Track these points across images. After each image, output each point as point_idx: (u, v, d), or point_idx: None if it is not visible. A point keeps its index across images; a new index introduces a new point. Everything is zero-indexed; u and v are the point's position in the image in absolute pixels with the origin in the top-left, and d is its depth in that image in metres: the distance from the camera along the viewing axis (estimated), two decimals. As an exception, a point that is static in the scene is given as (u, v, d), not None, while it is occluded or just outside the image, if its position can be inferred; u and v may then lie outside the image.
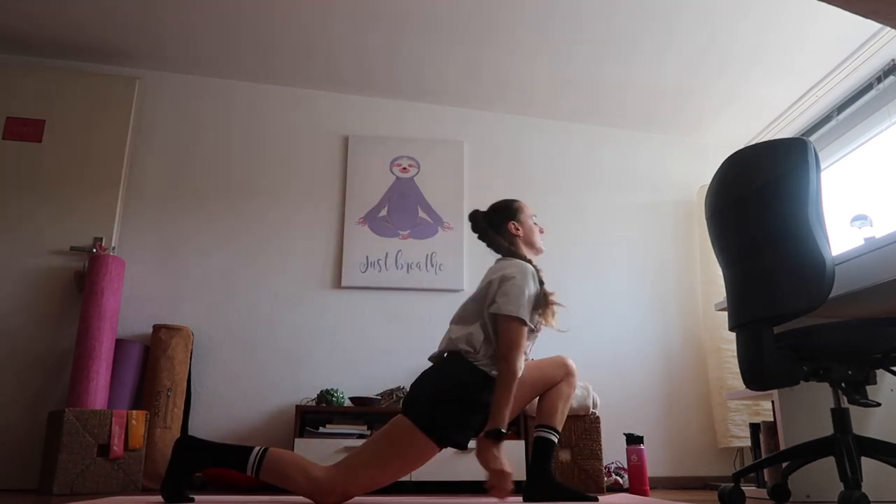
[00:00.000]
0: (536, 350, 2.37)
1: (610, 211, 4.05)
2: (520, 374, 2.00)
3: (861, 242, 2.03)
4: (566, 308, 2.19)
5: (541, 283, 2.14)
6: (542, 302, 2.10)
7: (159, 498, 2.19)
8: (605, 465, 3.30)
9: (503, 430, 1.94)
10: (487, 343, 2.04)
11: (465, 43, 3.44)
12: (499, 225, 2.29)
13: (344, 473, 1.86)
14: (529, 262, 2.19)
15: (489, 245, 2.30)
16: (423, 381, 2.04)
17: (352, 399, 3.21)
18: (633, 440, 2.98)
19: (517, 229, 2.28)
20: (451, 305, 3.67)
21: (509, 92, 3.88)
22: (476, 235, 2.32)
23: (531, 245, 2.29)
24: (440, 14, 3.22)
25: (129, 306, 3.36)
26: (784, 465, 2.29)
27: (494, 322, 2.05)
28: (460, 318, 2.12)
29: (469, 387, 1.99)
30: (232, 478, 2.90)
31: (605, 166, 4.13)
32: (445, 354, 2.08)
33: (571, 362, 2.25)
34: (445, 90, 3.88)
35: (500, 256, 2.27)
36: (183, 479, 1.89)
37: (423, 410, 1.93)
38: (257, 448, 1.88)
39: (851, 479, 1.75)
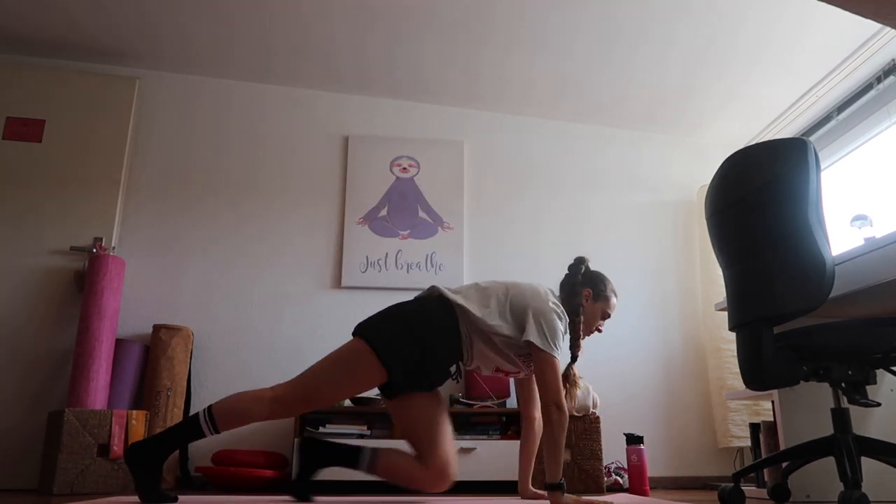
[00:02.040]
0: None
1: (610, 211, 4.05)
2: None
3: (861, 242, 2.04)
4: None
5: (573, 358, 2.17)
6: (567, 380, 2.13)
7: None
8: (605, 465, 3.30)
9: (563, 481, 1.95)
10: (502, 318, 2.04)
11: (465, 42, 3.44)
12: (590, 288, 2.26)
13: (299, 385, 1.94)
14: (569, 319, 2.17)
15: (567, 286, 2.27)
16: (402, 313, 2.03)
17: (352, 399, 3.21)
18: (633, 440, 2.98)
19: (590, 302, 2.25)
20: (451, 305, 3.67)
21: (509, 92, 3.88)
22: (567, 274, 2.31)
23: (585, 325, 2.25)
24: (440, 13, 3.22)
25: (129, 306, 3.36)
26: (784, 465, 2.29)
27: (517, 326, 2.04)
28: (479, 301, 2.08)
29: (443, 331, 2.00)
30: (232, 477, 2.90)
31: (605, 166, 4.13)
32: (437, 296, 2.07)
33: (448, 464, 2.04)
34: (445, 90, 3.88)
35: (554, 290, 2.24)
36: (157, 482, 1.88)
37: (384, 335, 1.95)
38: (202, 410, 1.90)
39: (851, 479, 1.75)
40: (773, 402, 2.62)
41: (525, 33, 3.35)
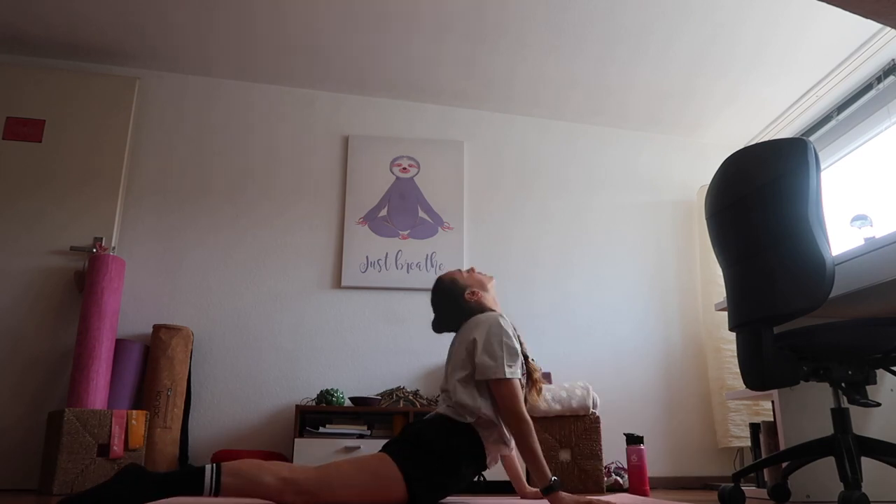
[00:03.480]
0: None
1: (610, 211, 4.05)
2: (529, 419, 1.95)
3: (861, 242, 2.04)
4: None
5: (525, 356, 2.09)
6: (528, 377, 2.08)
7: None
8: (605, 465, 3.30)
9: (555, 479, 1.91)
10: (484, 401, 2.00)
11: (465, 42, 3.44)
12: (455, 299, 2.19)
13: (320, 477, 1.80)
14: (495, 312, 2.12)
15: (448, 320, 2.21)
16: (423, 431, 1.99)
17: (352, 399, 3.21)
18: (633, 440, 2.98)
19: (473, 293, 2.19)
20: (451, 305, 3.67)
21: (510, 92, 3.88)
22: (437, 318, 2.25)
23: (487, 291, 2.20)
24: (441, 13, 3.22)
25: (129, 306, 3.36)
26: (784, 465, 2.29)
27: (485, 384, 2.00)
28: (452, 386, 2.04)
29: (458, 449, 1.96)
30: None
31: (605, 166, 4.13)
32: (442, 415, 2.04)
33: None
34: (446, 90, 3.88)
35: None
36: None
37: (413, 458, 1.89)
38: (208, 465, 1.71)
39: (851, 479, 1.75)
40: (773, 402, 2.62)
41: (526, 34, 3.35)
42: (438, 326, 2.27)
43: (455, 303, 2.19)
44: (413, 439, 1.97)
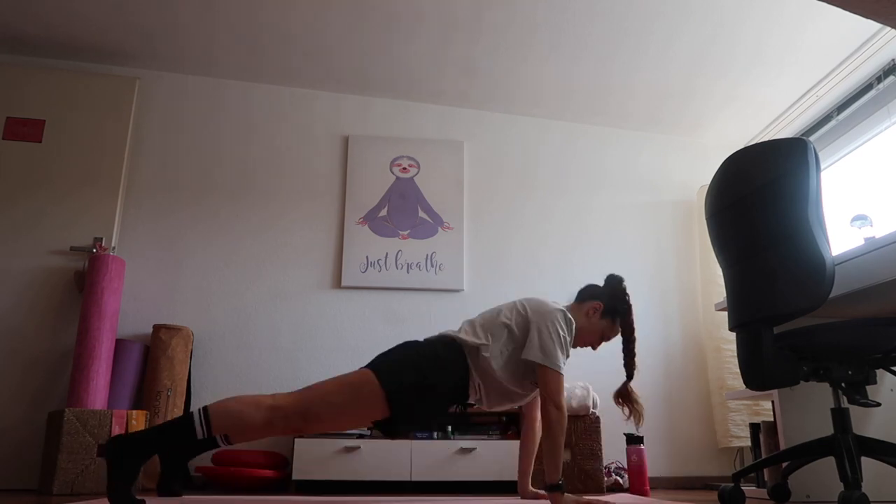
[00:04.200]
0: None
1: (610, 211, 4.05)
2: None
3: (861, 242, 2.03)
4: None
5: (627, 386, 2.21)
6: (627, 399, 2.17)
7: (158, 498, 2.19)
8: (605, 465, 3.30)
9: (562, 481, 1.96)
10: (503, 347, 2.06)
11: (465, 42, 3.44)
12: (603, 304, 2.25)
13: (303, 398, 1.84)
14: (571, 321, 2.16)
15: (585, 293, 2.30)
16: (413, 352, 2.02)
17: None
18: (633, 440, 2.98)
19: (595, 315, 2.25)
20: (451, 305, 3.67)
21: (509, 92, 3.88)
22: (594, 284, 2.31)
23: (578, 336, 2.24)
24: (441, 13, 3.22)
25: (129, 306, 3.36)
26: (784, 465, 2.29)
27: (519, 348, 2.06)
28: (485, 337, 2.09)
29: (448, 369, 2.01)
30: (232, 477, 2.90)
31: (605, 167, 4.13)
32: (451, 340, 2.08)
33: None
34: (446, 90, 3.88)
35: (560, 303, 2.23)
36: (130, 481, 1.70)
37: (398, 380, 1.91)
38: (197, 409, 1.80)
39: (851, 479, 1.75)
40: (773, 402, 2.62)
41: (526, 34, 3.35)
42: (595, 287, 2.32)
43: (593, 294, 2.26)
44: (404, 350, 2.01)
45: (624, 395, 2.18)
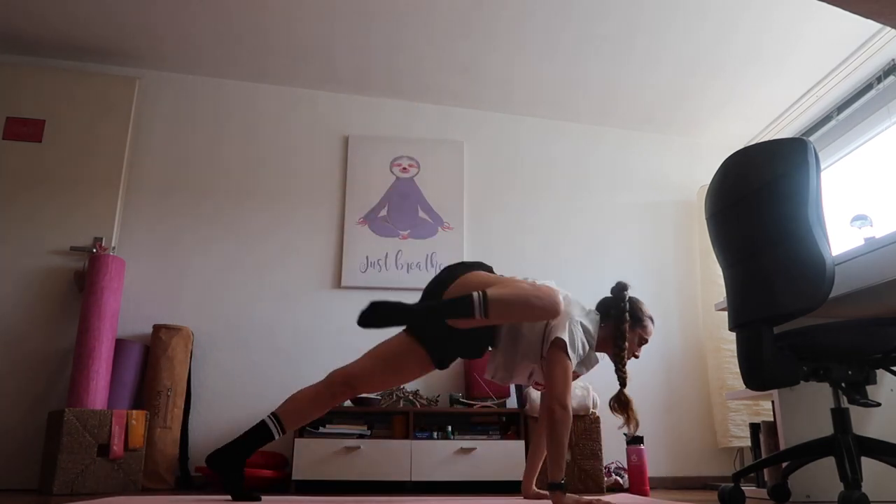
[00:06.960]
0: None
1: (610, 211, 4.05)
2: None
3: (861, 242, 2.03)
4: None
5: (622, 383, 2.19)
6: (623, 406, 2.15)
7: (158, 498, 2.19)
8: (605, 465, 3.30)
9: (565, 481, 1.97)
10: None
11: (465, 43, 3.44)
12: (630, 316, 2.23)
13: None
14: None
15: (603, 308, 2.28)
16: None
17: (352, 399, 3.21)
18: (633, 440, 2.98)
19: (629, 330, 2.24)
20: (451, 305, 3.67)
21: (509, 92, 3.88)
22: (609, 298, 2.29)
23: (605, 341, 2.25)
24: (440, 13, 3.22)
25: (129, 306, 3.36)
26: (784, 465, 2.29)
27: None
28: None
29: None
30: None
31: (605, 167, 4.13)
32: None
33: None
34: (445, 90, 3.88)
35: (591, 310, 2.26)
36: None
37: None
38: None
39: (851, 479, 1.75)
40: (773, 402, 2.62)
41: (526, 34, 3.35)
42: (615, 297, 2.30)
43: (617, 310, 2.23)
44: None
45: (619, 403, 2.17)
